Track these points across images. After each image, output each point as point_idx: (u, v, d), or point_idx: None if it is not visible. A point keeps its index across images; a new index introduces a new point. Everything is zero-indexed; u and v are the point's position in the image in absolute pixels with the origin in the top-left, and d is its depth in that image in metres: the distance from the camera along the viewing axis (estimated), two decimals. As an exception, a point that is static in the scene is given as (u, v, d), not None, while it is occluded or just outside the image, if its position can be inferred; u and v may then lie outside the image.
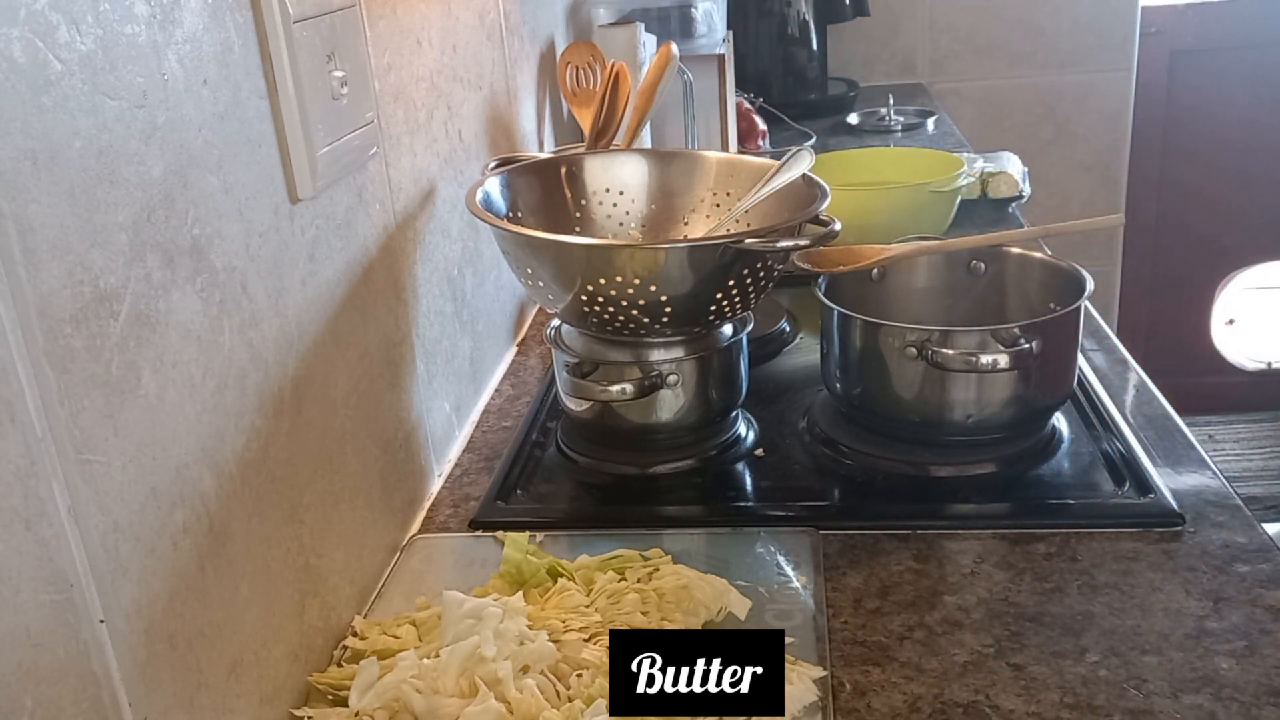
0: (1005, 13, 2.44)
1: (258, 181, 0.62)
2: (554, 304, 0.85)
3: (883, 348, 0.86)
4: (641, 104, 1.14)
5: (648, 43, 1.48)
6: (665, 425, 0.89)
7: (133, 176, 0.50)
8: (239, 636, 0.58)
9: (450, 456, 0.96)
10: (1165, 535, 0.76)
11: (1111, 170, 2.54)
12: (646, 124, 1.18)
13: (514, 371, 1.14)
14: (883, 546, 0.78)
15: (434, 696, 0.61)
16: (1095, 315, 1.11)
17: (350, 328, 0.75)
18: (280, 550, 0.64)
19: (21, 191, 0.43)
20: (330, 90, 0.70)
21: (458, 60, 1.01)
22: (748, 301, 0.84)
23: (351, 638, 0.70)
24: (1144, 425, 0.91)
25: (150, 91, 0.52)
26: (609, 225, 0.98)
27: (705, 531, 0.81)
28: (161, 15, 0.53)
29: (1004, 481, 0.85)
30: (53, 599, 0.44)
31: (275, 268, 0.64)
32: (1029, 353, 0.82)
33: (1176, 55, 2.55)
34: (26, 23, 0.44)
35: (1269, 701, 0.61)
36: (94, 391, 0.47)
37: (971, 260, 0.98)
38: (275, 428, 0.63)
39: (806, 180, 0.90)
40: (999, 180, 1.53)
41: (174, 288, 0.53)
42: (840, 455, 0.90)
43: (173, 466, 0.53)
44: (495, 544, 0.80)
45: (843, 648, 0.68)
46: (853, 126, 2.12)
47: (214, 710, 0.56)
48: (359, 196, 0.77)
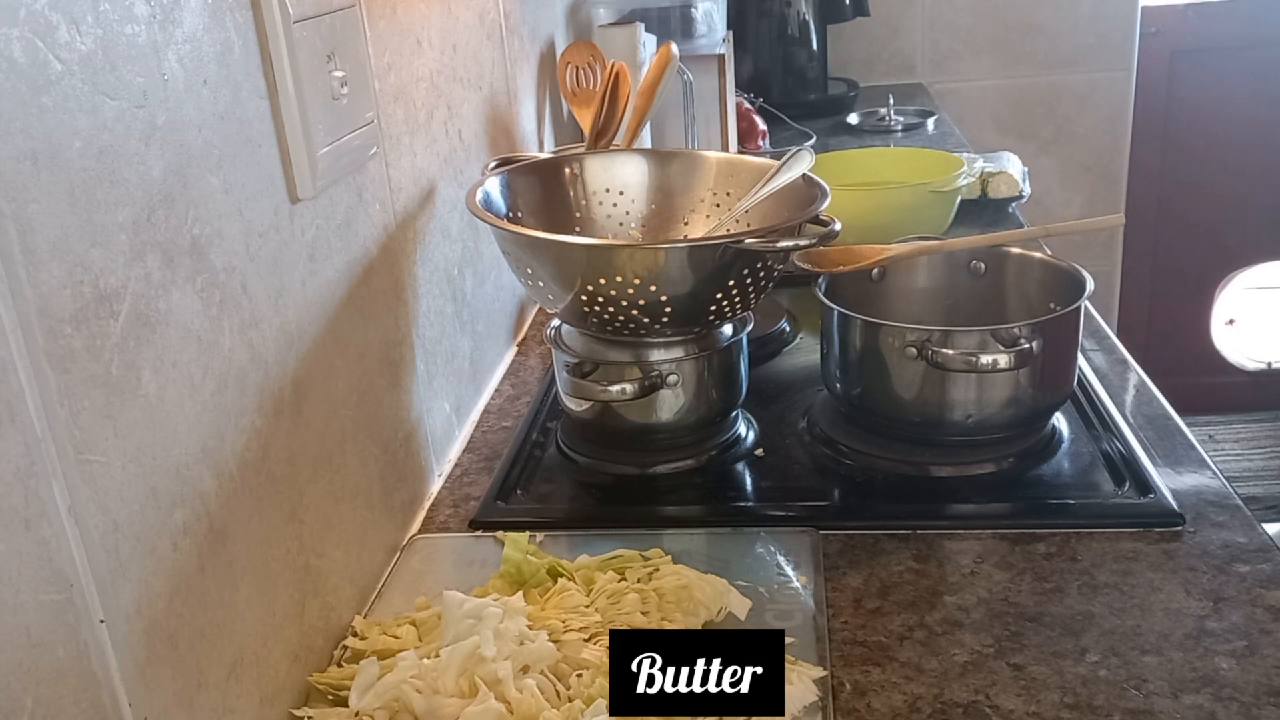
0: (1005, 13, 2.44)
1: (258, 181, 0.62)
2: (554, 304, 0.85)
3: (883, 348, 0.86)
4: (641, 104, 1.14)
5: (648, 43, 1.48)
6: (665, 425, 0.89)
7: (133, 176, 0.50)
8: (239, 636, 0.58)
9: (450, 456, 0.96)
10: (1165, 535, 0.76)
11: (1111, 170, 2.54)
12: (646, 124, 1.18)
13: (514, 371, 1.14)
14: (883, 546, 0.78)
15: (434, 696, 0.61)
16: (1095, 315, 1.11)
17: (350, 328, 0.75)
18: (280, 550, 0.64)
19: (21, 191, 0.43)
20: (330, 90, 0.70)
21: (458, 60, 1.01)
22: (748, 301, 0.84)
23: (351, 638, 0.70)
24: (1144, 425, 0.91)
25: (150, 91, 0.52)
26: (609, 225, 0.98)
27: (705, 531, 0.81)
28: (161, 15, 0.53)
29: (1004, 481, 0.85)
30: (53, 599, 0.44)
31: (275, 268, 0.64)
32: (1029, 353, 0.82)
33: (1176, 55, 2.55)
34: (26, 23, 0.44)
35: (1269, 701, 0.61)
36: (94, 391, 0.47)
37: (971, 260, 0.98)
38: (275, 428, 0.63)
39: (806, 180, 0.90)
40: (999, 180, 1.53)
41: (174, 288, 0.53)
42: (840, 455, 0.90)
43: (173, 466, 0.53)
44: (495, 544, 0.80)
45: (843, 648, 0.68)
46: (853, 126, 2.12)
47: (214, 710, 0.56)
48: (359, 196, 0.77)
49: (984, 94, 2.50)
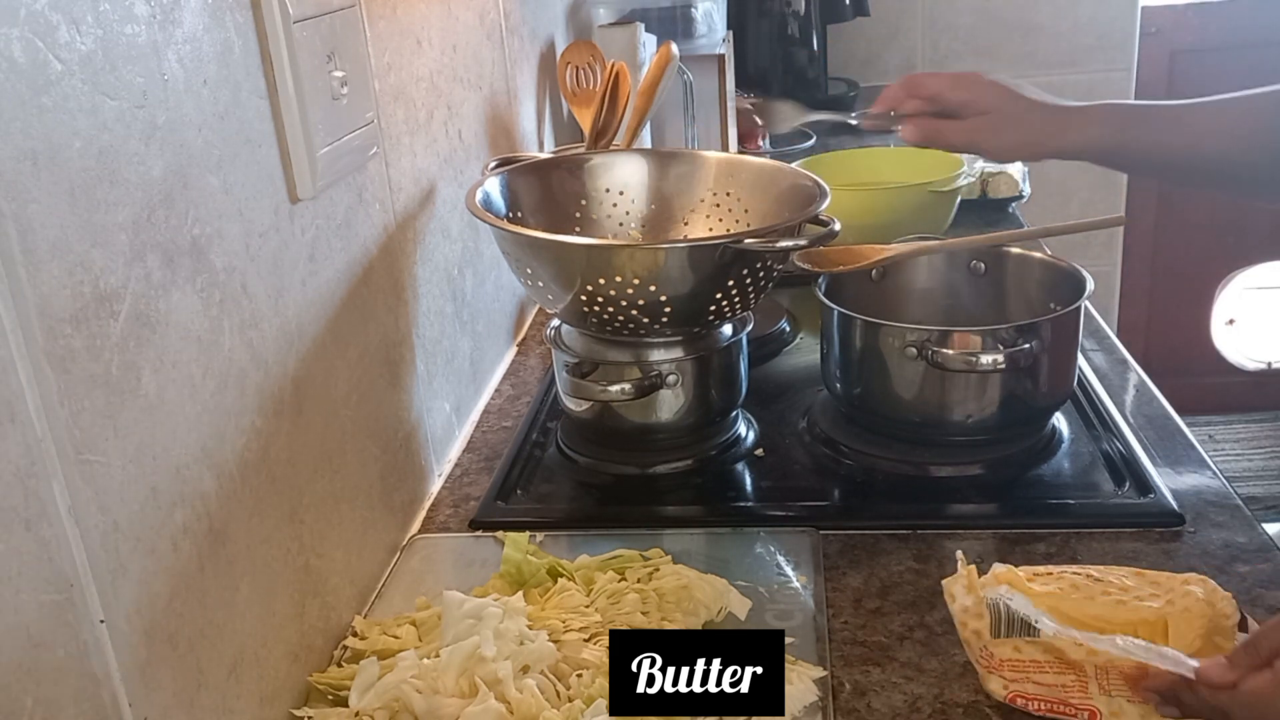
0: (1005, 13, 2.44)
1: (258, 181, 0.62)
2: (554, 304, 0.85)
3: (883, 348, 0.86)
4: (641, 104, 1.14)
5: (648, 43, 1.48)
6: (665, 425, 0.89)
7: (133, 176, 0.50)
8: (239, 636, 0.58)
9: (450, 456, 0.96)
10: (1165, 535, 0.76)
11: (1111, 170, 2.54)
12: (646, 124, 1.18)
13: (514, 371, 1.14)
14: (883, 546, 0.78)
15: (434, 696, 0.61)
16: (1095, 315, 1.11)
17: (350, 328, 0.75)
18: (280, 550, 0.64)
19: (21, 191, 0.43)
20: (330, 90, 0.70)
21: (458, 60, 1.01)
22: (748, 301, 0.84)
23: (351, 638, 0.70)
24: (1144, 425, 0.91)
25: (150, 91, 0.52)
26: (609, 225, 0.98)
27: (705, 531, 0.81)
28: (161, 15, 0.53)
29: (1004, 481, 0.85)
30: (53, 599, 0.44)
31: (275, 268, 0.64)
32: (1029, 353, 0.82)
33: (1176, 55, 2.55)
34: (26, 23, 0.44)
35: (1269, 701, 0.61)
36: (94, 391, 0.47)
37: (971, 260, 0.98)
38: (275, 428, 0.63)
39: (806, 180, 0.90)
40: (999, 180, 1.53)
41: (174, 288, 0.53)
42: (840, 455, 0.90)
43: (173, 466, 0.53)
44: (495, 544, 0.80)
45: (843, 648, 0.68)
46: (853, 126, 2.11)
47: (214, 710, 0.56)
48: (359, 196, 0.77)
49: (984, 94, 2.50)
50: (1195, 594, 0.60)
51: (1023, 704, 0.60)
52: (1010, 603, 0.60)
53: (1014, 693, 0.60)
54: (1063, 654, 0.59)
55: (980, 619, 0.61)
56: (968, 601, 0.61)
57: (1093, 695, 0.59)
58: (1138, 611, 0.60)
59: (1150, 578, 0.63)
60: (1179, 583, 0.61)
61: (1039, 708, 0.60)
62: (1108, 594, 0.61)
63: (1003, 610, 0.60)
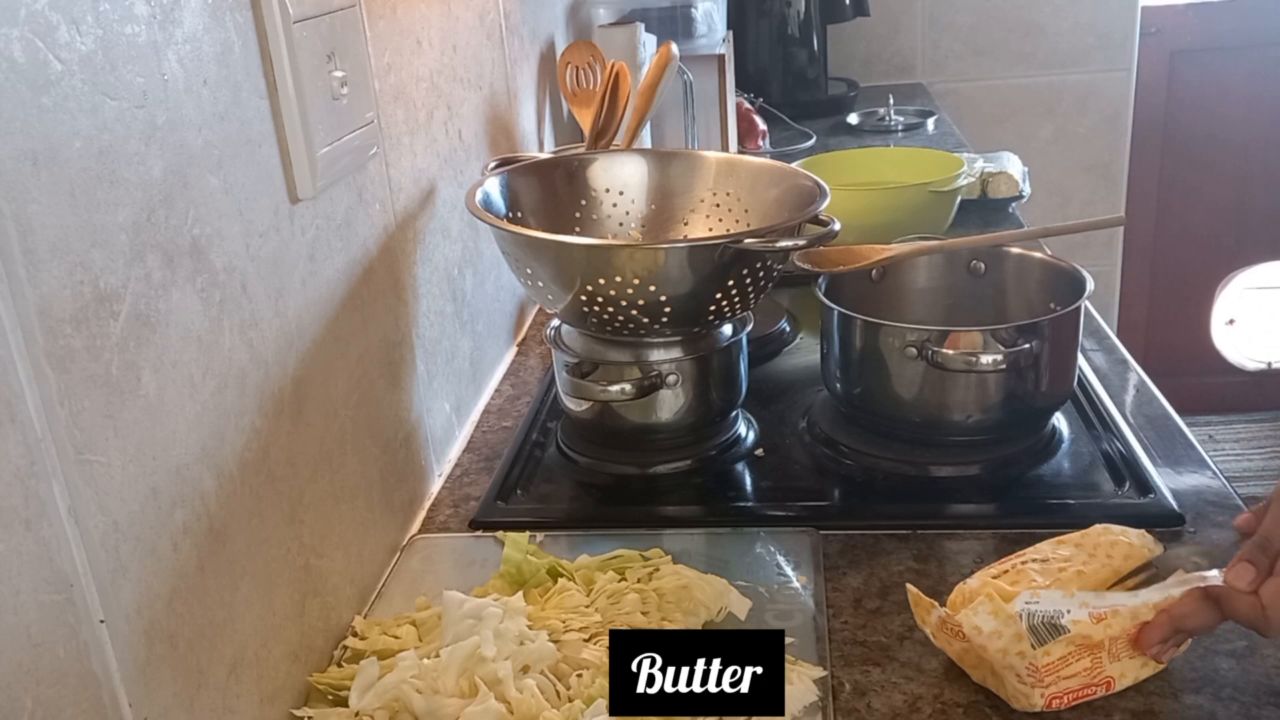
0: (1005, 13, 2.44)
1: (258, 181, 0.62)
2: (554, 304, 0.85)
3: (883, 348, 0.86)
4: (641, 104, 1.14)
5: (648, 43, 1.48)
6: (665, 425, 0.89)
7: (133, 176, 0.50)
8: (239, 636, 0.58)
9: (450, 456, 0.96)
10: (1166, 535, 0.76)
11: (1111, 170, 2.54)
12: (646, 124, 1.18)
13: (514, 371, 1.14)
14: (883, 546, 0.78)
15: (434, 696, 0.61)
16: (1095, 315, 1.11)
17: (350, 328, 0.75)
18: (280, 550, 0.64)
19: (21, 191, 0.43)
20: (330, 90, 0.70)
21: (458, 60, 1.01)
22: (747, 301, 0.84)
23: (351, 638, 0.70)
24: (1144, 425, 0.91)
25: (150, 91, 0.52)
26: (609, 225, 0.98)
27: (705, 531, 0.81)
28: (161, 15, 0.53)
29: (1004, 481, 0.85)
30: (53, 599, 0.44)
31: (275, 268, 0.64)
32: (1029, 353, 0.82)
33: (1176, 55, 2.55)
34: (26, 23, 0.44)
35: (1269, 701, 0.61)
36: (94, 391, 0.47)
37: (971, 260, 0.98)
38: (275, 428, 0.63)
39: (806, 180, 0.90)
40: (999, 180, 1.53)
41: (174, 288, 0.53)
42: (840, 455, 0.90)
43: (173, 466, 0.53)
44: (495, 544, 0.80)
45: (843, 648, 0.68)
46: (853, 126, 2.12)
47: (214, 710, 0.56)
48: (359, 196, 0.77)
49: (984, 94, 2.50)
50: (1124, 540, 0.65)
51: (1058, 705, 0.60)
52: (1037, 606, 0.59)
53: (1050, 696, 0.60)
54: (1088, 639, 0.58)
55: (1020, 640, 0.58)
56: (994, 625, 0.59)
57: (1105, 665, 0.60)
58: (1100, 575, 0.63)
59: (1073, 540, 0.66)
60: (1097, 534, 0.66)
61: (1069, 701, 0.60)
62: (1064, 570, 0.63)
63: (1037, 618, 0.58)
